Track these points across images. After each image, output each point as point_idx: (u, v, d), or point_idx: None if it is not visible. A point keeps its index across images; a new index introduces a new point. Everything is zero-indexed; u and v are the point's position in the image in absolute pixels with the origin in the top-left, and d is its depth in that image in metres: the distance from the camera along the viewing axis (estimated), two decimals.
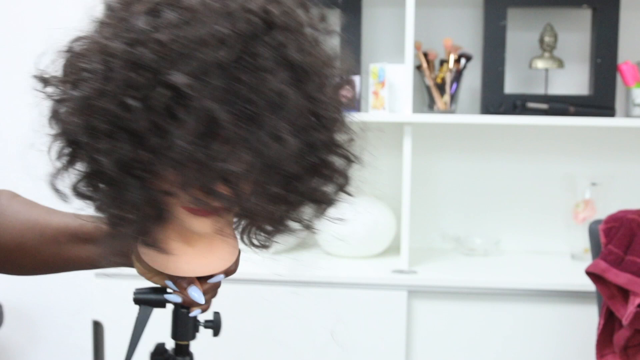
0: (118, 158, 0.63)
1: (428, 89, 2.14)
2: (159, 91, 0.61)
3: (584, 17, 2.21)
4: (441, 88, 2.12)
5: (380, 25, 2.28)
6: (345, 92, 0.74)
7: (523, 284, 1.94)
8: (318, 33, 0.70)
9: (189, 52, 0.61)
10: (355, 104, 2.01)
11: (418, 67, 2.15)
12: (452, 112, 2.12)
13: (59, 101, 0.68)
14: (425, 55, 2.14)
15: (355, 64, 0.76)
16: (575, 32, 2.23)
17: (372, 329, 1.93)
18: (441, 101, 2.12)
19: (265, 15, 0.64)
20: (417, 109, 2.20)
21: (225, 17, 0.62)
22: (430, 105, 2.15)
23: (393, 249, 2.18)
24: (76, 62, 0.68)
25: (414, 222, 2.11)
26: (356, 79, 2.03)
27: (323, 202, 0.75)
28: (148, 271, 0.78)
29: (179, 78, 0.60)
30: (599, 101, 2.09)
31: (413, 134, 2.03)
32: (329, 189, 0.74)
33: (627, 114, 2.11)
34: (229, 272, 0.79)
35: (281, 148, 0.64)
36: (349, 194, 0.76)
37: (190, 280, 0.77)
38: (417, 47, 2.11)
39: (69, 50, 0.70)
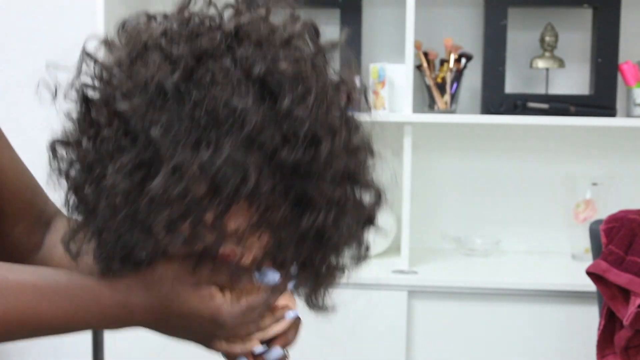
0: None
1: (428, 88, 2.13)
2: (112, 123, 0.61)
3: (584, 16, 2.21)
4: (441, 88, 2.11)
5: (380, 25, 2.28)
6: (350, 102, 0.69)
7: (523, 284, 1.93)
8: (305, 44, 0.66)
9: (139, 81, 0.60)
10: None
11: (418, 67, 2.15)
12: (452, 111, 2.12)
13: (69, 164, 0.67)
14: (426, 54, 2.13)
15: (355, 64, 0.74)
16: (576, 32, 2.22)
17: (372, 329, 1.92)
18: (441, 101, 2.11)
19: (228, 30, 0.62)
20: (417, 109, 2.20)
21: (185, 39, 0.61)
22: (431, 105, 2.14)
23: (393, 249, 2.17)
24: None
25: (414, 222, 2.10)
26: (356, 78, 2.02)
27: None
28: None
29: (121, 105, 0.59)
30: (600, 101, 2.09)
31: (413, 133, 2.03)
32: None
33: (628, 114, 2.11)
34: (287, 342, 0.76)
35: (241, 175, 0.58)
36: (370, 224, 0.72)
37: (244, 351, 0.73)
38: (417, 46, 2.11)
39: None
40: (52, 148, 0.68)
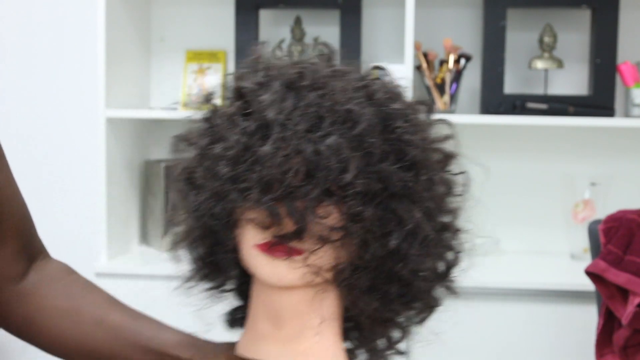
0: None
1: (428, 89, 2.14)
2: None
3: (583, 17, 2.22)
4: (441, 88, 2.12)
5: (380, 25, 2.28)
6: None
7: (523, 284, 1.94)
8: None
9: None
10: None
11: (418, 67, 2.16)
12: (451, 112, 2.12)
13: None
14: (425, 55, 2.14)
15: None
16: (575, 33, 2.23)
17: None
18: (441, 101, 2.12)
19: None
20: None
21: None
22: None
23: None
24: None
25: None
26: None
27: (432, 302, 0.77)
28: None
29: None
30: (599, 101, 2.09)
31: None
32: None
33: (627, 114, 2.11)
34: None
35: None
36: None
37: None
38: (416, 47, 2.11)
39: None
40: (175, 143, 0.74)
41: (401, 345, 0.80)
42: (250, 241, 0.67)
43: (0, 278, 0.79)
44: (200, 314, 0.77)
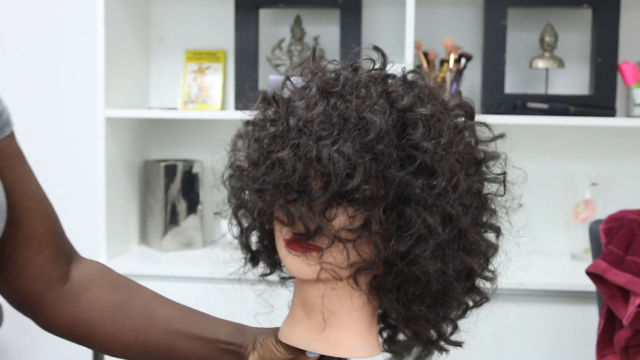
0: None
1: None
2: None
3: (584, 16, 2.21)
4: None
5: (381, 24, 2.28)
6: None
7: (523, 284, 1.93)
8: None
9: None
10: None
11: (418, 67, 2.15)
12: None
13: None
14: (426, 55, 2.13)
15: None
16: (576, 32, 2.22)
17: None
18: None
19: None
20: None
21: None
22: None
23: None
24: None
25: None
26: None
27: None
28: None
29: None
30: (600, 101, 2.09)
31: None
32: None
33: (628, 114, 2.11)
34: None
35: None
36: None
37: None
38: (417, 46, 2.11)
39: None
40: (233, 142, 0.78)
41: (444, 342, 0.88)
42: (279, 235, 0.73)
43: (46, 281, 0.82)
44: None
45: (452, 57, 2.11)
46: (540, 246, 2.31)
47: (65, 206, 2.40)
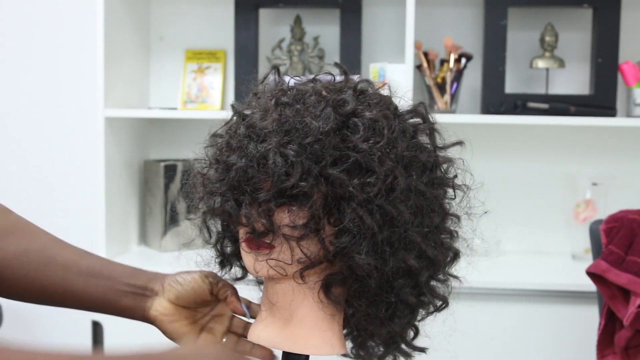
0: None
1: (428, 88, 2.13)
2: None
3: (584, 16, 2.21)
4: (441, 88, 2.11)
5: (380, 25, 2.27)
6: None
7: (523, 284, 1.93)
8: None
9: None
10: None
11: (418, 67, 2.15)
12: (452, 111, 2.12)
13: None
14: (426, 54, 2.13)
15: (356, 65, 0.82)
16: (576, 32, 2.22)
17: None
18: (441, 101, 2.11)
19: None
20: None
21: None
22: (431, 105, 2.14)
23: None
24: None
25: None
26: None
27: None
28: None
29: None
30: (600, 101, 2.08)
31: None
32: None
33: (628, 114, 2.11)
34: None
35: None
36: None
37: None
38: (417, 46, 2.11)
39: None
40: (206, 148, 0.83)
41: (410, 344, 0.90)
42: (241, 236, 0.77)
43: None
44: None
45: (453, 57, 2.11)
46: (540, 246, 2.32)
47: (64, 206, 2.41)
